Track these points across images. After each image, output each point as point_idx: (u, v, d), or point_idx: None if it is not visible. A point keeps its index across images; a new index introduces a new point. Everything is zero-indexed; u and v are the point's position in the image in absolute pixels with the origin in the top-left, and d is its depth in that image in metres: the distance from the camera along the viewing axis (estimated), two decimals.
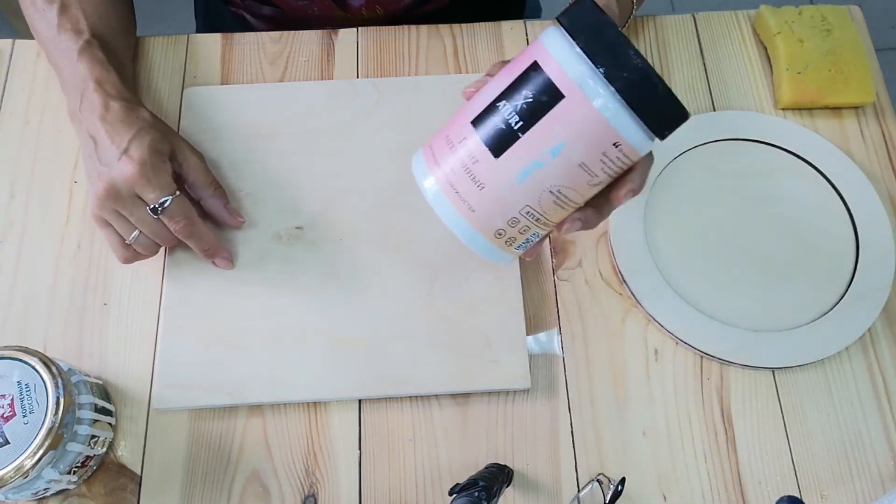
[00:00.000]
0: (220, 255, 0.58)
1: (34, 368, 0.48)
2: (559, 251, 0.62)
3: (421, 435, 0.56)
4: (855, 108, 0.68)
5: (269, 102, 0.66)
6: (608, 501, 0.51)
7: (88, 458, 0.52)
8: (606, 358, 0.58)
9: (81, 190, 0.63)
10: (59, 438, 0.47)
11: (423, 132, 0.65)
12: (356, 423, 0.56)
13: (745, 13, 0.73)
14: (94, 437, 0.52)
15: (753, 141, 0.66)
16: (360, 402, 0.57)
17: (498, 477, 0.50)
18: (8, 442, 0.46)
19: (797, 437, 0.56)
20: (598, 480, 0.54)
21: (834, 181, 0.64)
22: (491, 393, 0.57)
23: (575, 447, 0.56)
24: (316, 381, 0.56)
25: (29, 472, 0.46)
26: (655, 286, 0.59)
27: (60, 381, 0.48)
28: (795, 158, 0.65)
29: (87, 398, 0.51)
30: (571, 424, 0.56)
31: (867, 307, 0.59)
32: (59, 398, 0.47)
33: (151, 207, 0.54)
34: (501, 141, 0.43)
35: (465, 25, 0.71)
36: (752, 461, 0.56)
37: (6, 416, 0.47)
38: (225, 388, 0.55)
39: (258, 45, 0.70)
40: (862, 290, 0.60)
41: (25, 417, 0.47)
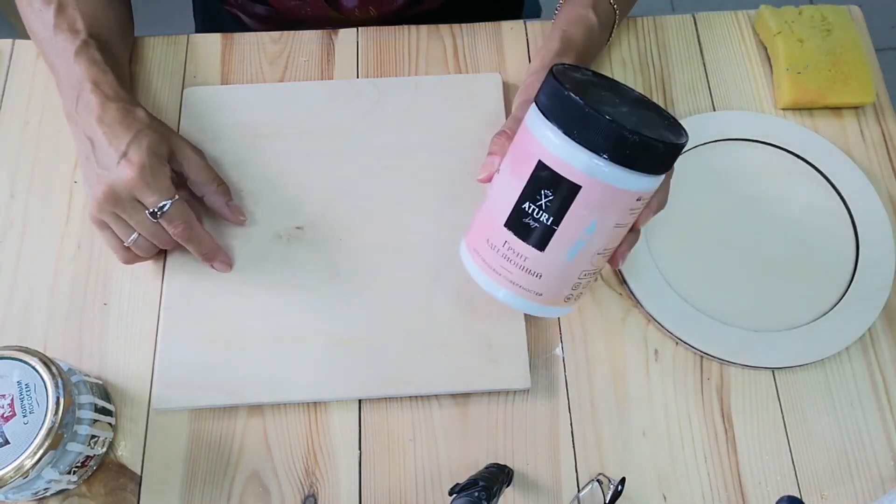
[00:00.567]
0: (218, 258, 0.58)
1: (34, 368, 0.48)
2: None
3: (421, 435, 0.56)
4: (855, 108, 0.68)
5: (269, 102, 0.66)
6: (608, 501, 0.51)
7: (88, 458, 0.52)
8: (606, 358, 0.58)
9: (81, 190, 0.63)
10: (59, 438, 0.47)
11: (423, 132, 0.65)
12: (356, 423, 0.56)
13: (745, 13, 0.73)
14: (94, 437, 0.52)
15: (753, 141, 0.66)
16: (360, 402, 0.57)
17: (498, 477, 0.50)
18: (8, 442, 0.46)
19: (797, 437, 0.56)
20: (598, 480, 0.54)
21: (834, 181, 0.64)
22: (491, 393, 0.57)
23: (575, 447, 0.56)
24: (316, 381, 0.56)
25: (29, 472, 0.46)
26: (655, 286, 0.59)
27: (60, 381, 0.48)
28: (795, 158, 0.65)
29: (87, 398, 0.51)
30: (571, 424, 0.56)
31: (867, 307, 0.59)
32: (59, 398, 0.47)
33: (151, 211, 0.54)
34: (541, 237, 0.47)
35: (465, 25, 0.71)
36: (752, 461, 0.56)
37: (6, 416, 0.47)
38: (225, 388, 0.55)
39: (258, 45, 0.70)
40: (862, 290, 0.60)
41: (25, 417, 0.47)
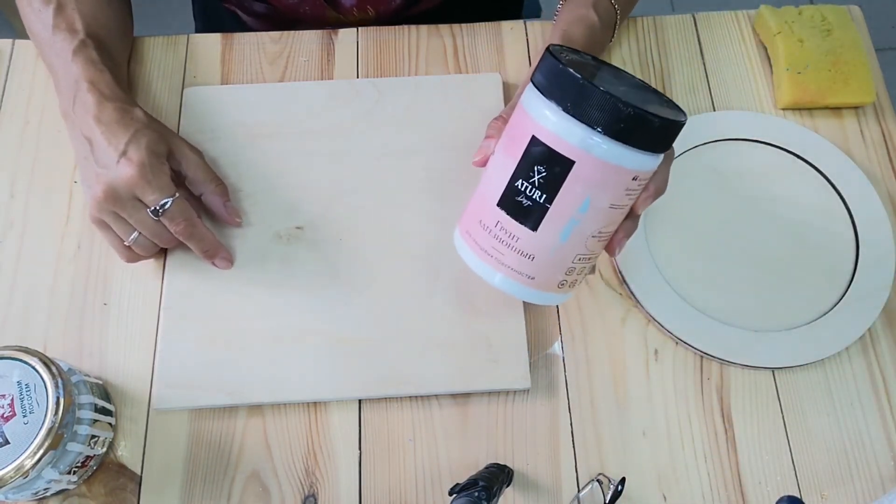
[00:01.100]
0: (219, 255, 0.58)
1: (34, 368, 0.48)
2: None
3: (421, 435, 0.56)
4: (855, 108, 0.68)
5: (269, 102, 0.66)
6: (608, 501, 0.51)
7: (88, 458, 0.52)
8: (606, 358, 0.58)
9: (81, 190, 0.63)
10: (59, 438, 0.47)
11: (423, 132, 0.65)
12: (356, 423, 0.56)
13: (745, 13, 0.73)
14: (94, 437, 0.52)
15: (753, 141, 0.66)
16: (360, 402, 0.57)
17: (498, 477, 0.50)
18: (8, 442, 0.46)
19: (797, 437, 0.56)
20: (598, 480, 0.54)
21: (834, 181, 0.64)
22: (491, 393, 0.57)
23: (575, 447, 0.56)
24: (316, 381, 0.56)
25: (29, 472, 0.46)
26: (655, 286, 0.59)
27: (60, 381, 0.48)
28: (795, 158, 0.65)
29: (87, 398, 0.51)
30: (571, 424, 0.56)
31: (867, 307, 0.59)
32: (59, 398, 0.47)
33: (152, 209, 0.54)
34: (534, 216, 0.46)
35: (465, 25, 0.71)
36: (752, 461, 0.56)
37: (6, 416, 0.47)
38: (225, 388, 0.55)
39: (258, 45, 0.70)
40: (862, 290, 0.60)
41: (25, 417, 0.47)
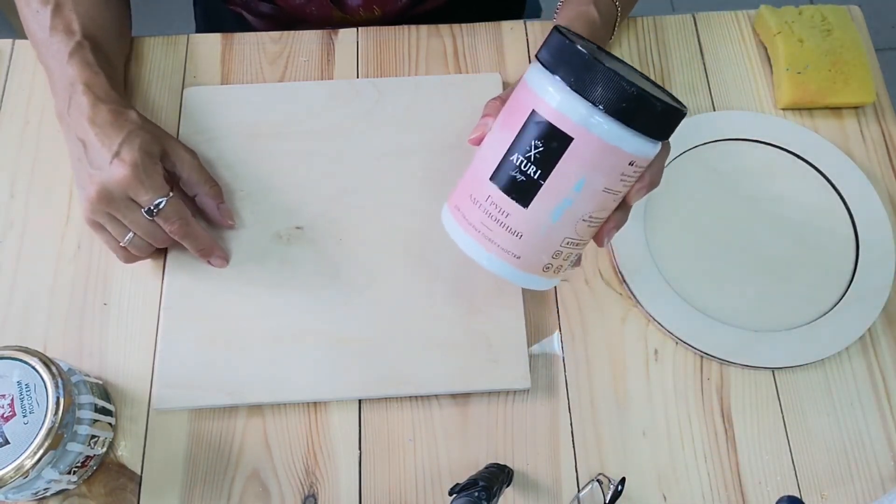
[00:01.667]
0: (214, 254, 0.58)
1: (34, 368, 0.48)
2: None
3: (421, 435, 0.56)
4: (855, 108, 0.68)
5: (269, 102, 0.66)
6: (608, 501, 0.51)
7: (88, 458, 0.52)
8: (606, 358, 0.58)
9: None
10: (59, 438, 0.47)
11: (423, 132, 0.65)
12: (356, 423, 0.56)
13: (745, 13, 0.73)
14: (94, 437, 0.52)
15: (753, 141, 0.66)
16: (360, 402, 0.57)
17: (498, 477, 0.50)
18: (8, 442, 0.46)
19: (797, 437, 0.56)
20: (598, 480, 0.54)
21: (834, 181, 0.64)
22: (491, 393, 0.57)
23: (575, 447, 0.56)
24: (316, 381, 0.56)
25: (29, 472, 0.46)
26: (655, 286, 0.59)
27: (60, 381, 0.48)
28: (795, 158, 0.65)
29: (87, 398, 0.51)
30: (571, 424, 0.56)
31: (867, 307, 0.59)
32: (59, 398, 0.47)
33: (146, 209, 0.54)
34: (525, 192, 0.45)
35: (465, 25, 0.71)
36: (752, 461, 0.56)
37: (6, 416, 0.47)
38: (225, 388, 0.55)
39: (258, 45, 0.70)
40: (862, 290, 0.60)
41: (25, 417, 0.47)
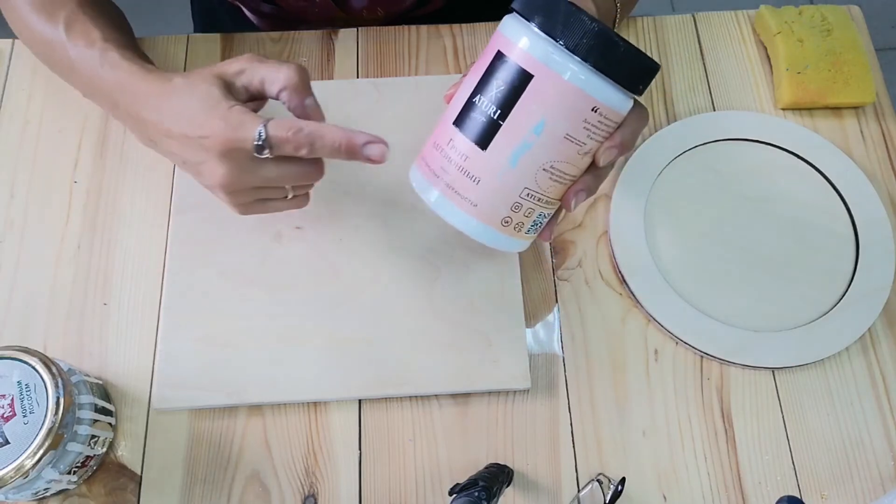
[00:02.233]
0: (361, 143, 0.48)
1: (34, 368, 0.48)
2: (559, 251, 0.62)
3: (421, 435, 0.56)
4: (855, 108, 0.68)
5: (268, 102, 0.65)
6: (608, 501, 0.51)
7: (88, 458, 0.52)
8: (606, 358, 0.58)
9: (81, 190, 0.63)
10: (59, 438, 0.47)
11: (423, 132, 0.64)
12: (356, 423, 0.56)
13: (745, 13, 0.72)
14: (94, 437, 0.52)
15: (753, 141, 0.66)
16: (360, 402, 0.57)
17: (498, 477, 0.50)
18: (8, 442, 0.46)
19: (797, 437, 0.56)
20: (598, 480, 0.54)
21: (834, 181, 0.64)
22: (491, 393, 0.57)
23: (575, 447, 0.56)
24: (316, 381, 0.56)
25: (29, 472, 0.46)
26: (655, 286, 0.59)
27: (60, 381, 0.48)
28: (795, 158, 0.65)
29: (87, 398, 0.51)
30: (571, 424, 0.56)
31: (867, 307, 0.59)
32: (59, 398, 0.47)
33: (257, 145, 0.47)
34: (485, 133, 0.44)
35: (465, 25, 0.71)
36: (752, 461, 0.56)
37: (6, 416, 0.47)
38: (225, 388, 0.55)
39: (258, 45, 0.70)
40: (862, 290, 0.60)
41: (25, 417, 0.47)
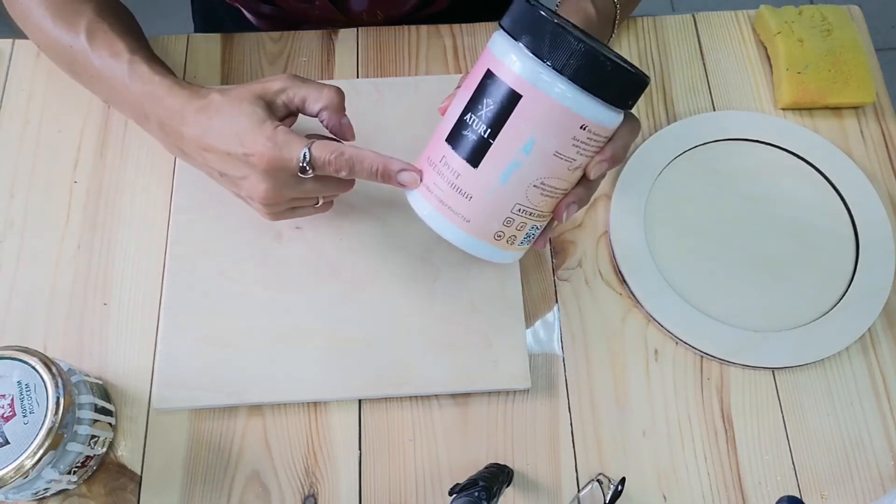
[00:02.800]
0: (395, 169, 0.49)
1: (34, 368, 0.48)
2: (559, 251, 0.62)
3: (421, 435, 0.56)
4: (855, 108, 0.68)
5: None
6: (608, 501, 0.51)
7: (88, 458, 0.52)
8: (606, 358, 0.58)
9: (81, 190, 0.63)
10: (59, 438, 0.47)
11: (423, 132, 0.64)
12: (356, 423, 0.56)
13: (745, 13, 0.73)
14: (94, 437, 0.52)
15: (753, 141, 0.66)
16: (360, 402, 0.57)
17: (498, 477, 0.50)
18: (8, 442, 0.46)
19: (797, 437, 0.56)
20: (598, 480, 0.54)
21: (834, 181, 0.64)
22: (491, 393, 0.57)
23: (575, 447, 0.56)
24: (316, 381, 0.56)
25: (29, 472, 0.46)
26: (655, 286, 0.59)
27: (60, 381, 0.48)
28: (795, 158, 0.65)
29: (87, 398, 0.51)
30: (571, 424, 0.56)
31: (867, 307, 0.59)
32: (59, 398, 0.47)
33: (301, 167, 0.49)
34: (476, 151, 0.45)
35: (465, 25, 0.71)
36: (752, 461, 0.56)
37: (6, 416, 0.47)
38: (225, 388, 0.55)
39: (258, 45, 0.70)
40: (862, 290, 0.60)
41: (25, 417, 0.47)
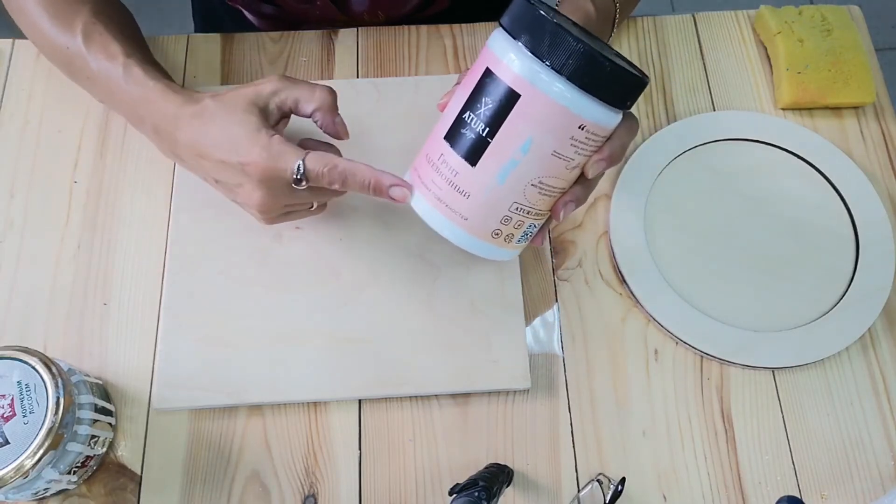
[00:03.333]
0: (387, 183, 0.50)
1: (34, 368, 0.48)
2: (559, 251, 0.62)
3: (421, 435, 0.56)
4: (855, 108, 0.68)
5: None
6: (608, 501, 0.51)
7: (88, 458, 0.52)
8: (606, 358, 0.58)
9: (81, 190, 0.63)
10: (59, 438, 0.47)
11: (423, 132, 0.64)
12: (356, 423, 0.56)
13: (745, 13, 0.73)
14: (94, 437, 0.52)
15: (753, 141, 0.66)
16: (360, 402, 0.57)
17: (498, 477, 0.50)
18: (8, 442, 0.46)
19: (797, 437, 0.56)
20: (598, 480, 0.54)
21: (834, 181, 0.64)
22: (491, 393, 0.57)
23: (575, 447, 0.56)
24: (316, 381, 0.56)
25: (29, 472, 0.46)
26: (655, 286, 0.59)
27: (60, 381, 0.48)
28: (795, 158, 0.65)
29: (87, 398, 0.51)
30: (571, 424, 0.56)
31: (867, 307, 0.59)
32: (59, 398, 0.47)
33: (295, 178, 0.50)
34: (474, 150, 0.45)
35: (465, 25, 0.71)
36: (752, 461, 0.56)
37: (6, 416, 0.47)
38: (225, 388, 0.55)
39: (258, 45, 0.70)
40: (862, 290, 0.60)
41: (25, 417, 0.47)
